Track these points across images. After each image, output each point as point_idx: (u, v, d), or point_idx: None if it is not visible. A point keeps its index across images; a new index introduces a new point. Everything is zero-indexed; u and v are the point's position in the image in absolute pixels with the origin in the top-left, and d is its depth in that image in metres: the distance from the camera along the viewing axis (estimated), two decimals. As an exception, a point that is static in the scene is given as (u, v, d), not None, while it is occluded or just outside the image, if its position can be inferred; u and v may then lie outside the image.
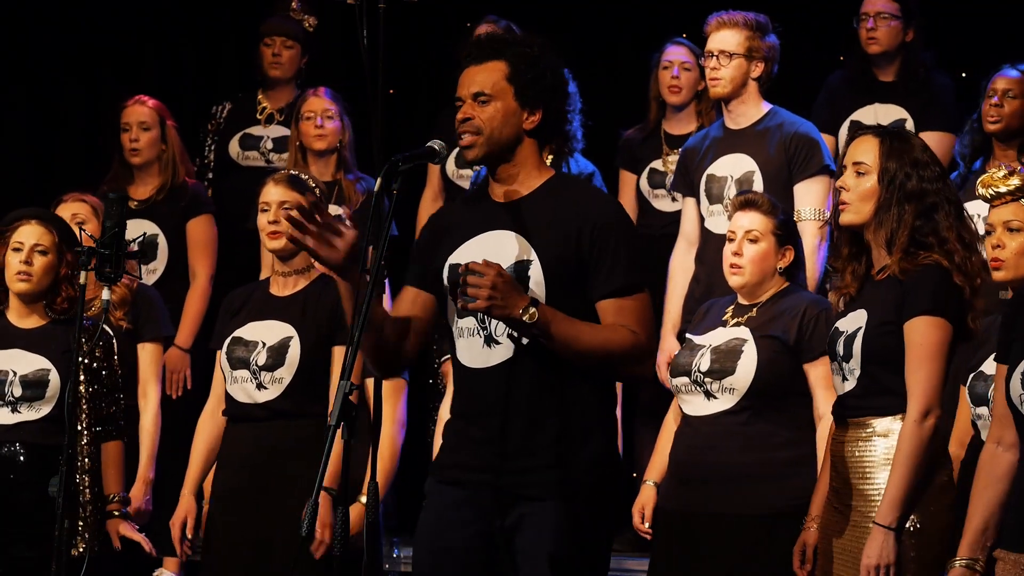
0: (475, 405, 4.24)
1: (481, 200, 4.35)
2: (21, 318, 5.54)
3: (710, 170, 6.34)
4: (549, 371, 4.15)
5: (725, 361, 5.18)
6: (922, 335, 4.48)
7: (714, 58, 6.26)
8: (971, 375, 5.07)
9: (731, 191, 6.22)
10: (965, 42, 7.57)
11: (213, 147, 7.81)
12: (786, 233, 5.33)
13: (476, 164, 4.35)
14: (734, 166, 6.29)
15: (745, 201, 5.37)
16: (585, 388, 4.20)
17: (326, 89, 7.28)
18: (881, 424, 4.56)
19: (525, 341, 4.14)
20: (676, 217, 7.22)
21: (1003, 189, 4.87)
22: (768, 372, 5.15)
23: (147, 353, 6.18)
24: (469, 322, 4.22)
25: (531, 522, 4.14)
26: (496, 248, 4.21)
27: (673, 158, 7.24)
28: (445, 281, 4.29)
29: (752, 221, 5.32)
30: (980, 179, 4.90)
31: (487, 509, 4.19)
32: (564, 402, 4.17)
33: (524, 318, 4.04)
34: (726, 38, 6.26)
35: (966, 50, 7.53)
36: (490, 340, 4.20)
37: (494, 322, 4.16)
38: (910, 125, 6.95)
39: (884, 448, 4.55)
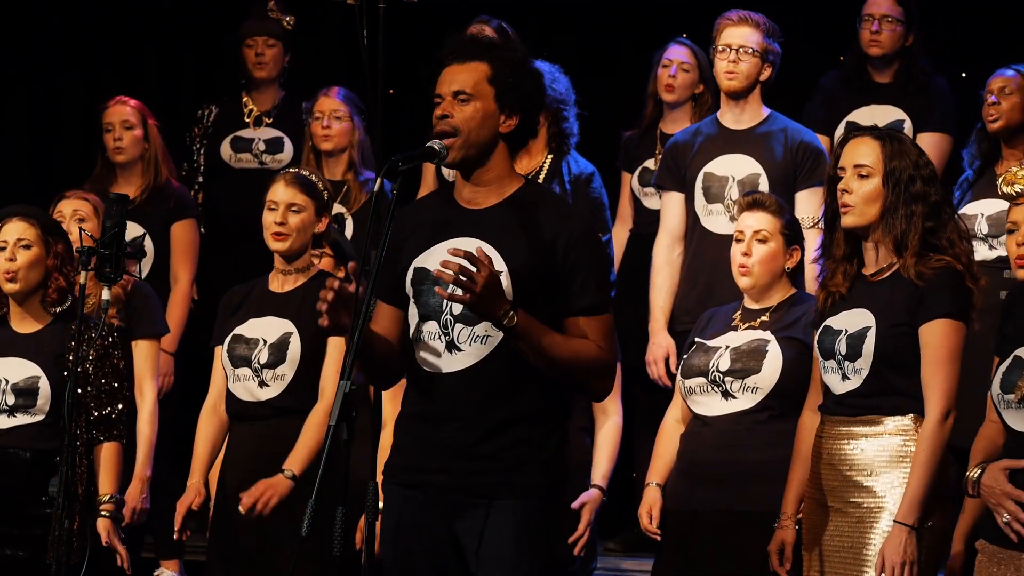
0: (434, 409, 4.25)
1: (448, 204, 4.32)
2: (20, 322, 5.51)
3: (708, 168, 6.31)
4: (508, 378, 4.20)
5: (748, 361, 5.16)
6: (943, 337, 4.54)
7: (734, 52, 6.26)
8: None
9: (733, 191, 6.20)
10: (965, 43, 7.57)
11: (202, 150, 7.78)
12: (793, 233, 5.31)
13: (452, 167, 4.30)
14: (736, 167, 6.27)
15: (753, 201, 5.33)
16: (541, 395, 4.23)
17: (340, 89, 7.23)
18: (893, 422, 4.59)
19: (487, 349, 4.17)
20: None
21: None
22: (793, 372, 5.11)
23: (142, 351, 6.12)
24: (431, 326, 4.24)
25: (491, 524, 4.19)
26: None
27: None
28: (409, 283, 4.28)
29: (760, 221, 5.29)
30: (1003, 177, 4.86)
31: (446, 512, 4.23)
32: (521, 408, 4.21)
33: (504, 321, 4.06)
34: (748, 35, 6.27)
35: (966, 51, 7.53)
36: (452, 346, 4.22)
37: (457, 328, 4.19)
38: (908, 126, 6.97)
39: (895, 446, 4.59)
